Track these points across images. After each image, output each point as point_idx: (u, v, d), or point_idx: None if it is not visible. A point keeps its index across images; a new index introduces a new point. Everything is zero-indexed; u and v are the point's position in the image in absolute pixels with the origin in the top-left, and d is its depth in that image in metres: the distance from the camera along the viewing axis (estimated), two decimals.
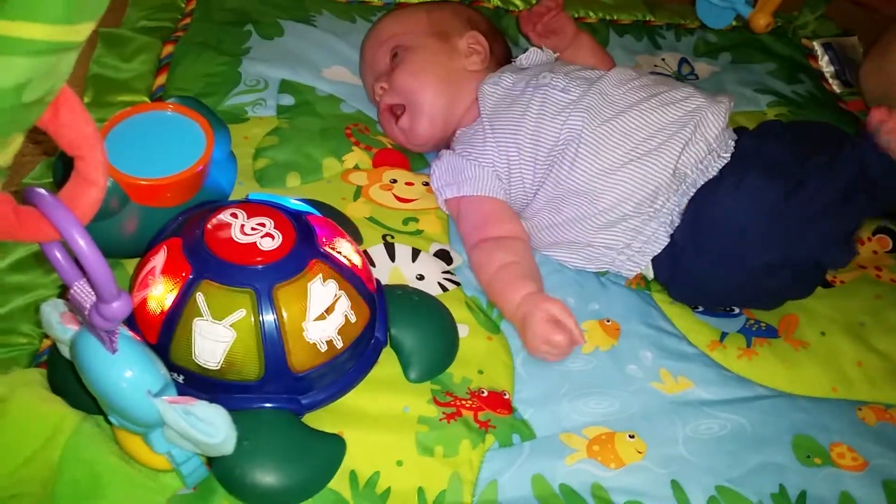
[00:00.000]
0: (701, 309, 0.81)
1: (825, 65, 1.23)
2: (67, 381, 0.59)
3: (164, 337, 0.60)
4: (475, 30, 0.94)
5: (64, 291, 0.71)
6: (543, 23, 1.02)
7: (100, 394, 0.51)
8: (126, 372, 0.50)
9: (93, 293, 0.44)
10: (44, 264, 0.72)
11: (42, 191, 0.40)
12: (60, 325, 0.53)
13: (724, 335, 0.79)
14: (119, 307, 0.43)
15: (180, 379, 0.60)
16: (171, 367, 0.59)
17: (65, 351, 0.55)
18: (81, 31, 0.35)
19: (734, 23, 1.22)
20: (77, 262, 0.43)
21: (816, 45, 1.25)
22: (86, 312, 0.45)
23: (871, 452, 0.70)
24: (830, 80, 1.21)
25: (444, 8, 0.99)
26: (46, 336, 0.68)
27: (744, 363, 0.77)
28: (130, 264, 0.71)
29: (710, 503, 0.64)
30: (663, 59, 1.18)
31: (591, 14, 1.25)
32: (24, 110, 0.35)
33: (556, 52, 0.98)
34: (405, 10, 0.98)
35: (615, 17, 1.25)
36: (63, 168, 0.65)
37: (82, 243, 0.39)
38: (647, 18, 1.26)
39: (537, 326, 0.71)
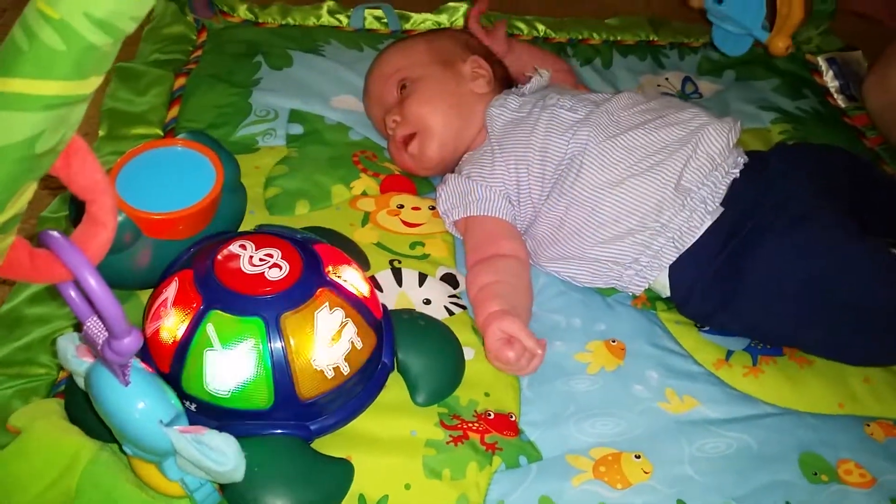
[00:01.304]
0: (707, 328, 0.82)
1: (829, 80, 1.24)
2: (84, 410, 0.61)
3: (176, 366, 0.61)
4: (475, 54, 0.97)
5: (79, 325, 0.74)
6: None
7: (114, 424, 0.53)
8: (139, 403, 0.52)
9: (104, 329, 0.46)
10: (59, 298, 0.74)
11: (55, 234, 0.42)
12: (75, 358, 0.55)
13: (729, 353, 0.79)
14: (130, 343, 0.45)
15: (192, 407, 0.62)
16: (184, 395, 0.61)
17: (81, 382, 0.56)
18: (90, 85, 0.37)
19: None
20: (90, 300, 0.45)
21: (821, 61, 1.26)
22: (98, 347, 0.47)
23: (879, 469, 0.70)
24: (835, 95, 1.21)
25: (443, 36, 1.01)
26: (63, 367, 0.70)
27: (750, 381, 0.77)
28: (144, 295, 0.73)
29: None
30: (667, 79, 1.19)
31: (595, 35, 1.26)
32: (37, 160, 0.37)
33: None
34: (406, 43, 1.00)
35: (619, 38, 1.26)
36: (75, 209, 0.67)
37: (93, 283, 0.41)
38: (651, 38, 1.27)
39: (489, 343, 0.73)
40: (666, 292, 0.82)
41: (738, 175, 0.80)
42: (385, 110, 0.94)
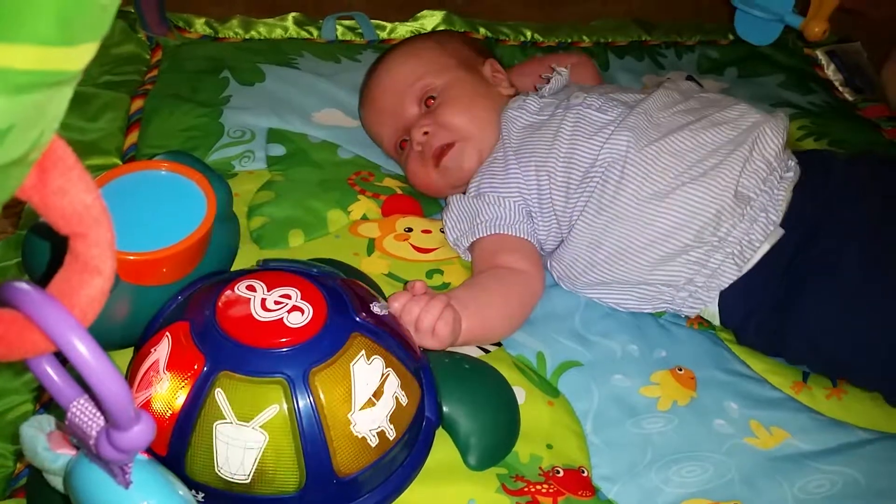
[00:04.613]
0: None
1: (832, 73, 1.18)
2: None
3: (176, 447, 0.48)
4: (489, 57, 0.86)
5: (41, 394, 0.59)
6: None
7: None
8: None
9: (99, 415, 0.33)
10: (15, 366, 0.60)
11: (25, 286, 0.29)
12: (48, 450, 0.41)
13: (806, 375, 0.70)
14: (139, 433, 0.32)
15: (200, 497, 0.49)
16: (188, 483, 0.48)
17: (55, 482, 0.43)
18: (81, 56, 0.24)
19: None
20: (81, 378, 0.32)
21: (820, 54, 1.20)
22: (91, 441, 0.33)
23: None
24: (841, 89, 1.15)
25: (451, 38, 0.91)
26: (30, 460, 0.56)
27: (834, 404, 0.67)
28: (119, 356, 0.59)
29: None
30: (669, 79, 1.10)
31: (585, 38, 1.18)
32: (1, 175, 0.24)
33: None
34: (413, 48, 0.88)
35: (611, 40, 1.18)
36: (52, 251, 0.53)
37: (88, 355, 0.28)
38: (644, 38, 1.19)
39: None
40: (716, 321, 0.72)
41: (797, 186, 0.71)
42: (403, 124, 0.82)
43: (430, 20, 1.15)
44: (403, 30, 1.14)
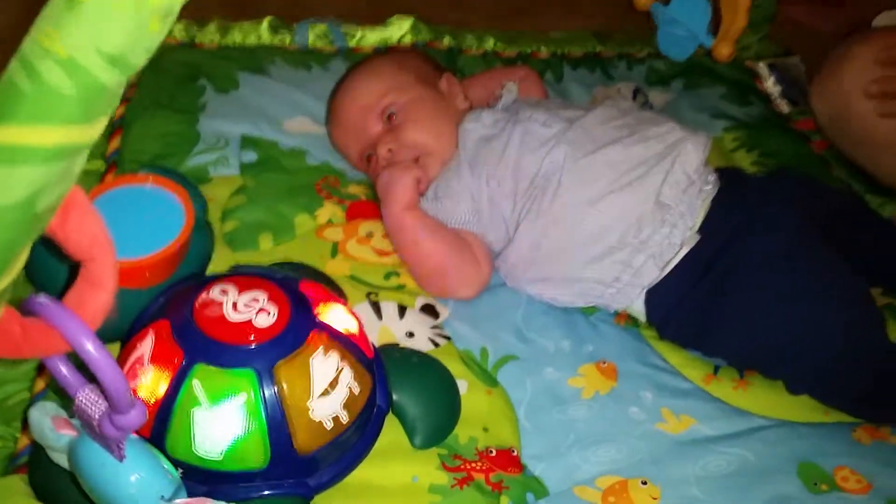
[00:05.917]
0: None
1: (771, 85, 1.26)
2: (57, 485, 0.54)
3: (158, 429, 0.56)
4: (444, 72, 0.94)
5: (34, 384, 0.67)
6: None
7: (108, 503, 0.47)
8: (134, 477, 0.47)
9: (101, 401, 0.41)
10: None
11: (46, 300, 0.36)
12: (54, 431, 0.49)
13: (717, 368, 0.79)
14: (135, 416, 0.40)
15: (179, 471, 0.56)
16: (169, 460, 0.56)
17: (59, 458, 0.50)
18: (96, 128, 0.32)
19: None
20: (81, 369, 0.40)
21: (761, 67, 1.28)
22: (95, 423, 0.41)
23: (872, 472, 0.70)
24: (778, 101, 1.24)
25: (410, 56, 0.98)
26: (23, 431, 0.63)
27: (740, 395, 0.77)
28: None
29: None
30: (619, 90, 1.19)
31: (543, 49, 1.25)
32: (36, 221, 0.32)
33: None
34: (374, 67, 0.94)
35: (567, 52, 1.26)
36: (39, 267, 0.60)
37: (97, 354, 0.36)
38: (598, 50, 1.27)
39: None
40: (642, 318, 0.81)
41: (715, 198, 0.80)
42: (368, 141, 0.89)
43: (398, 28, 1.22)
44: (373, 36, 1.20)
